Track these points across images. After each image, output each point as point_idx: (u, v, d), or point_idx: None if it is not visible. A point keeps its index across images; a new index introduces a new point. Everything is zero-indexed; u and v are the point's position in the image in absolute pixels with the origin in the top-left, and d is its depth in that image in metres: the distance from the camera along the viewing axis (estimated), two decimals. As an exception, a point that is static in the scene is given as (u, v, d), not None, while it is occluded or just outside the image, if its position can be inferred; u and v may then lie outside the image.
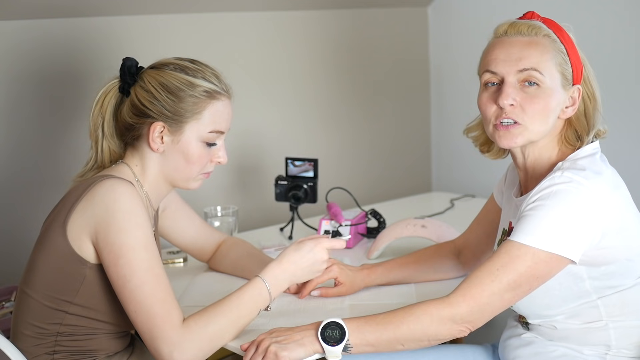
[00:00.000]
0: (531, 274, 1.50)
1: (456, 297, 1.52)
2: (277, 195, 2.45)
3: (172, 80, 1.66)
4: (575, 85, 1.59)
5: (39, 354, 1.64)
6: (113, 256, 1.55)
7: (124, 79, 1.69)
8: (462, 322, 1.52)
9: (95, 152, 1.74)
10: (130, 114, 1.68)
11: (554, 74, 1.57)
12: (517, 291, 1.51)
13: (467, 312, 1.51)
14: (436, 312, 1.52)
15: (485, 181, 3.14)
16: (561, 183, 1.51)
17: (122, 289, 1.55)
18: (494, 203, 1.88)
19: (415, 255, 1.97)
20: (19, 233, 2.31)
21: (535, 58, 1.56)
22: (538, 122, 1.57)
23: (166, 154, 1.69)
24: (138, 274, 1.54)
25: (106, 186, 1.59)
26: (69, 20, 2.37)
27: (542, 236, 1.48)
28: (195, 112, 1.67)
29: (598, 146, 1.63)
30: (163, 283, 1.56)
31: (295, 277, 1.68)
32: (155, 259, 1.58)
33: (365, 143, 3.23)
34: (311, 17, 2.99)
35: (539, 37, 1.58)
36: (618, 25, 2.74)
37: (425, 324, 1.52)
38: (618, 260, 1.55)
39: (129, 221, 1.56)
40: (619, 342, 1.59)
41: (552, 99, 1.57)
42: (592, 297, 1.57)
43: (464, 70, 3.22)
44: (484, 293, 1.50)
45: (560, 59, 1.58)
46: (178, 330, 1.53)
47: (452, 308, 1.51)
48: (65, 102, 2.40)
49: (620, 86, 2.72)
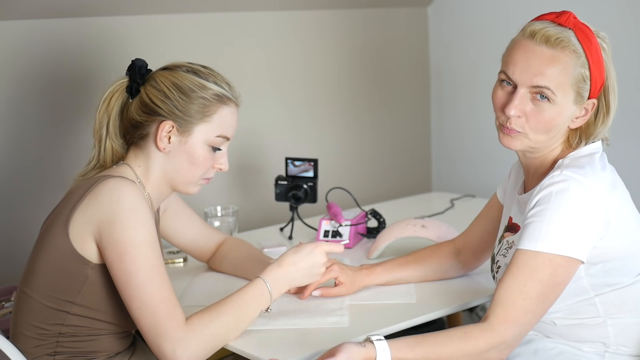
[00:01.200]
0: (554, 282, 1.50)
1: (499, 325, 1.50)
2: (277, 195, 2.45)
3: (184, 81, 1.67)
4: (590, 99, 1.58)
5: (40, 355, 1.64)
6: (117, 253, 1.55)
7: (133, 79, 1.70)
8: (506, 348, 1.50)
9: (97, 150, 1.74)
10: (140, 112, 1.69)
11: (568, 92, 1.55)
12: (545, 304, 1.52)
13: (512, 338, 1.50)
14: (484, 344, 1.49)
15: (485, 181, 3.14)
16: (560, 182, 1.51)
17: (127, 285, 1.55)
18: (496, 201, 1.88)
19: (414, 255, 1.97)
20: (19, 233, 2.31)
21: (554, 78, 1.54)
22: (541, 134, 1.58)
23: (171, 154, 1.70)
24: (143, 271, 1.54)
25: (110, 185, 1.59)
26: (70, 20, 2.37)
27: (553, 241, 1.49)
28: (206, 115, 1.68)
29: (600, 146, 1.63)
30: (166, 282, 1.57)
31: (294, 280, 1.69)
32: (159, 257, 1.58)
33: (365, 143, 3.23)
34: (311, 18, 2.99)
35: (564, 52, 1.54)
36: (622, 25, 2.74)
37: (473, 353, 1.49)
38: (616, 258, 1.56)
39: (134, 219, 1.56)
40: (617, 339, 1.60)
41: (561, 115, 1.56)
42: (589, 295, 1.58)
43: (464, 70, 3.23)
44: (521, 314, 1.50)
45: (579, 78, 1.55)
46: (182, 328, 1.53)
47: (500, 337, 1.49)
48: (66, 103, 2.40)
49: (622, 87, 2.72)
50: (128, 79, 1.72)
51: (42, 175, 2.37)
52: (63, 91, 2.39)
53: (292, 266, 1.67)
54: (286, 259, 1.68)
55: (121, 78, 1.73)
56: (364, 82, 3.19)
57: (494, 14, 3.12)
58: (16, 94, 2.30)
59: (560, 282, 1.51)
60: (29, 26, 2.29)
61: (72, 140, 2.40)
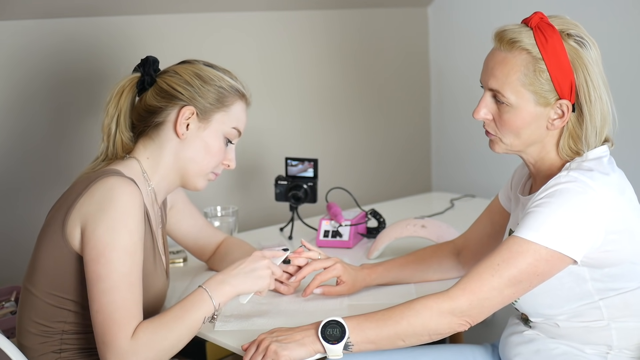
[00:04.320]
0: (532, 271, 1.50)
1: (456, 291, 1.52)
2: (277, 195, 2.45)
3: (204, 72, 1.73)
4: (564, 100, 1.54)
5: (45, 352, 1.64)
6: (95, 253, 1.54)
7: (147, 72, 1.72)
8: (462, 315, 1.52)
9: (106, 145, 1.74)
10: (158, 98, 1.71)
11: (522, 93, 1.55)
12: (517, 287, 1.51)
13: (466, 306, 1.51)
14: (436, 305, 1.52)
15: (485, 181, 3.14)
16: (567, 182, 1.51)
17: (93, 286, 1.54)
18: (498, 204, 1.87)
19: (415, 255, 1.97)
20: (20, 234, 2.31)
21: (500, 80, 1.56)
22: (510, 137, 1.60)
23: (187, 142, 1.71)
24: (112, 277, 1.53)
25: (107, 185, 1.59)
26: (71, 20, 2.37)
27: (545, 233, 1.48)
28: (224, 104, 1.72)
29: (607, 149, 1.61)
30: (134, 292, 1.55)
31: (238, 283, 1.64)
32: (135, 267, 1.56)
33: (365, 143, 3.23)
34: (311, 17, 2.99)
35: (513, 52, 1.54)
36: (622, 25, 2.74)
37: (426, 318, 1.52)
38: (622, 263, 1.55)
39: (121, 222, 1.55)
40: (620, 343, 1.59)
41: (521, 118, 1.56)
42: (594, 298, 1.57)
43: (464, 70, 3.23)
44: (483, 287, 1.51)
45: (531, 78, 1.53)
46: (128, 341, 1.51)
47: (452, 301, 1.51)
48: (71, 103, 2.40)
49: (624, 88, 2.72)
50: (141, 73, 1.74)
51: (46, 174, 2.36)
52: (68, 91, 2.39)
53: (235, 269, 1.65)
54: (228, 267, 1.67)
55: (131, 74, 1.75)
56: (364, 82, 3.19)
57: (494, 14, 3.12)
58: (21, 94, 2.30)
59: (539, 273, 1.50)
60: (34, 26, 2.29)
61: (78, 139, 2.40)
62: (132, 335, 1.52)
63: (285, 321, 1.72)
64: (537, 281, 1.52)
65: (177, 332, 1.56)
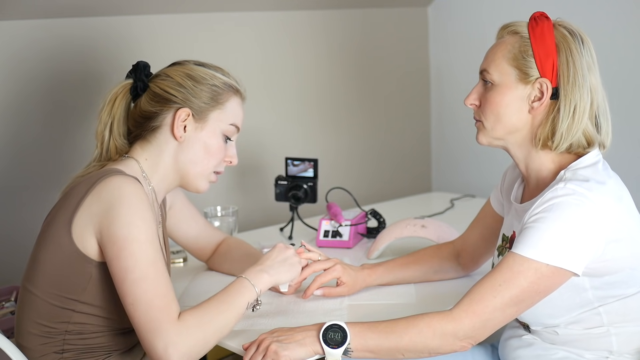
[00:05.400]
0: (534, 289, 1.49)
1: (459, 313, 1.51)
2: (277, 195, 2.45)
3: (195, 72, 1.72)
4: (544, 78, 1.55)
5: (47, 353, 1.63)
6: (116, 249, 1.54)
7: (139, 78, 1.72)
8: (465, 338, 1.51)
9: (100, 152, 1.75)
10: (152, 103, 1.71)
11: (506, 69, 1.58)
12: (519, 306, 1.51)
13: (469, 328, 1.51)
14: (439, 326, 1.51)
15: (485, 181, 3.14)
16: (564, 195, 1.49)
17: (123, 281, 1.54)
18: (490, 209, 1.87)
19: (415, 256, 1.97)
20: (19, 233, 2.31)
21: (489, 59, 1.61)
22: (492, 118, 1.61)
23: (186, 144, 1.71)
24: (140, 267, 1.53)
25: (113, 183, 1.59)
26: (66, 20, 2.37)
27: (545, 249, 1.47)
28: (219, 102, 1.72)
29: (599, 153, 1.60)
30: (164, 278, 1.56)
31: (275, 271, 1.69)
32: (158, 253, 1.57)
33: (365, 143, 3.23)
34: (311, 17, 2.99)
35: (507, 37, 1.61)
36: (623, 25, 2.74)
37: (428, 337, 1.51)
38: (622, 270, 1.54)
39: (134, 215, 1.55)
40: (620, 348, 1.58)
41: (504, 95, 1.58)
42: (594, 305, 1.57)
43: (464, 70, 3.23)
44: (486, 309, 1.50)
45: (516, 53, 1.57)
46: (175, 325, 1.51)
47: (455, 323, 1.51)
48: (68, 104, 2.40)
49: (624, 89, 2.72)
50: (133, 79, 1.73)
51: (44, 175, 2.36)
52: (65, 91, 2.39)
53: (268, 260, 1.70)
54: (261, 258, 1.72)
55: (124, 80, 1.75)
56: (364, 81, 3.19)
57: (494, 14, 3.12)
58: (18, 95, 2.30)
59: (541, 290, 1.50)
60: (31, 26, 2.29)
61: (76, 141, 2.40)
62: (177, 318, 1.53)
63: (285, 321, 1.73)
64: (539, 298, 1.52)
65: (224, 315, 1.57)
